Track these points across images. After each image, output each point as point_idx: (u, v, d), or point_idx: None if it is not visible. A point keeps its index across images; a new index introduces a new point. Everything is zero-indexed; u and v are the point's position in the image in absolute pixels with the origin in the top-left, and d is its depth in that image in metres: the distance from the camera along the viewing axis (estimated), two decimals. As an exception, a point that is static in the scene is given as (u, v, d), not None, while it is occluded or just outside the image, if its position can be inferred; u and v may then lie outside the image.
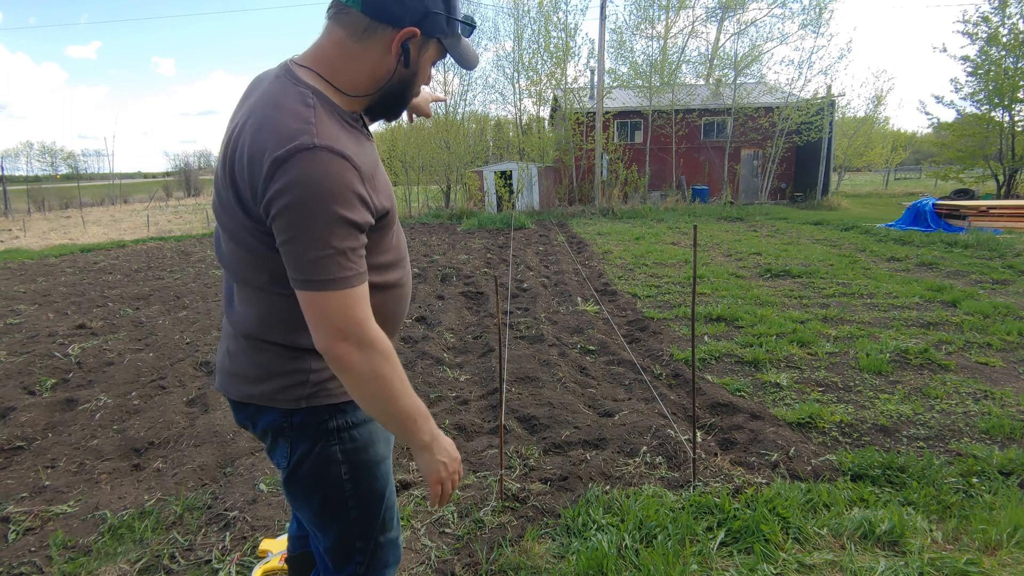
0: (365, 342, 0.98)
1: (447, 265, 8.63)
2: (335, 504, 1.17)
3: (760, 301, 5.77)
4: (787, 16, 24.57)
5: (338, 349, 0.97)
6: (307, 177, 0.92)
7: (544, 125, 21.94)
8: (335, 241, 0.94)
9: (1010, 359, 4.00)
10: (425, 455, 1.11)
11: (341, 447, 1.15)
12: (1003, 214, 10.98)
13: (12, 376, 4.08)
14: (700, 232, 12.02)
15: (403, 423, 1.05)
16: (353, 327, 0.97)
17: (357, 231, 0.98)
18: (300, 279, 0.96)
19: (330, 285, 0.95)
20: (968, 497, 2.33)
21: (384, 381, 1.00)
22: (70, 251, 12.52)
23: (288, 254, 0.96)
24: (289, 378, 1.10)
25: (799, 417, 3.11)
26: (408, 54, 1.05)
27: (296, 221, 0.93)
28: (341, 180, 0.94)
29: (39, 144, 75.38)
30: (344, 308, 0.96)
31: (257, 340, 1.12)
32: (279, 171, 0.92)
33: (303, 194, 0.92)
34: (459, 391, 3.72)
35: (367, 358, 0.98)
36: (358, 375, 0.98)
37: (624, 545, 2.05)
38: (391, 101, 1.13)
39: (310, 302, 0.97)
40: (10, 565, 2.07)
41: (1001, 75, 16.38)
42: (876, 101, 24.53)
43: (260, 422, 1.15)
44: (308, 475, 1.15)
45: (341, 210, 0.94)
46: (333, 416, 1.14)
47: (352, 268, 0.97)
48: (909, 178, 39.11)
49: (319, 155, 0.93)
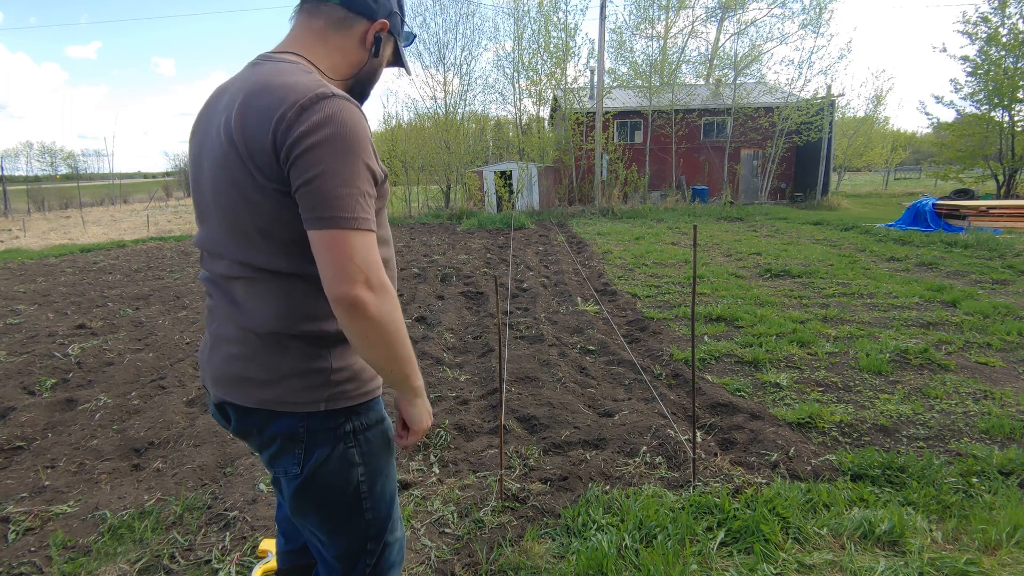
0: (383, 285, 0.99)
1: (447, 265, 8.63)
2: (351, 508, 1.16)
3: (760, 301, 5.77)
4: (787, 16, 24.58)
5: (360, 293, 0.95)
6: (336, 117, 0.95)
7: (544, 125, 21.94)
8: (360, 182, 0.96)
9: (1010, 359, 4.00)
10: (417, 402, 1.15)
11: (359, 449, 1.14)
12: (1003, 214, 10.98)
13: (12, 376, 4.08)
14: (700, 232, 12.02)
15: (406, 369, 1.08)
16: (373, 270, 0.97)
17: (375, 180, 1.02)
18: (324, 216, 0.94)
19: (356, 223, 0.96)
20: (968, 497, 2.33)
21: (397, 325, 1.02)
22: (70, 251, 12.52)
23: (313, 191, 0.94)
24: (309, 378, 1.08)
25: (799, 417, 3.11)
26: (379, 45, 1.17)
27: (325, 157, 0.94)
28: (362, 127, 0.99)
29: (39, 144, 75.48)
30: (366, 250, 0.97)
31: (279, 336, 1.07)
32: (304, 114, 0.94)
33: (332, 132, 0.94)
34: (459, 391, 3.72)
35: (384, 301, 0.99)
36: (375, 319, 0.98)
37: (624, 545, 2.05)
38: (359, 90, 1.21)
39: (332, 241, 0.95)
40: (10, 565, 2.07)
41: (1001, 75, 16.38)
42: (876, 101, 24.56)
43: (271, 428, 1.10)
44: (325, 480, 1.12)
45: (363, 154, 0.98)
46: (349, 419, 1.13)
47: (370, 214, 0.98)
48: (909, 178, 39.11)
49: (343, 103, 0.97)
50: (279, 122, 0.95)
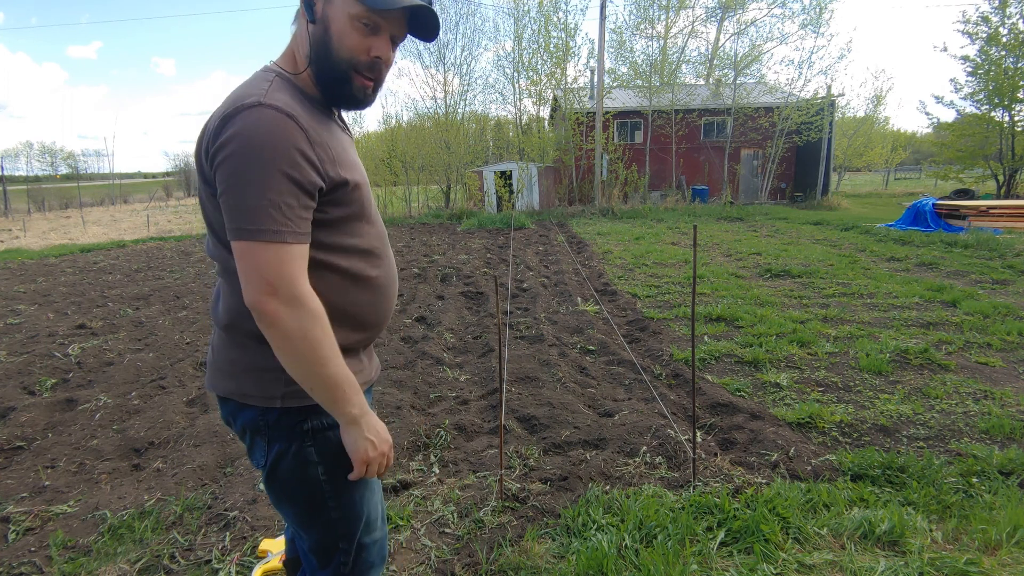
0: (295, 299, 0.97)
1: (447, 265, 8.63)
2: (315, 505, 1.17)
3: (760, 301, 5.77)
4: (787, 16, 24.51)
5: (266, 304, 0.96)
6: (247, 129, 0.95)
7: (544, 125, 21.93)
8: (271, 193, 0.95)
9: (1010, 359, 4.00)
10: (352, 430, 1.08)
11: (317, 448, 1.14)
12: (1003, 214, 10.98)
13: (12, 376, 4.08)
14: (700, 232, 12.02)
15: (330, 391, 1.03)
16: (283, 282, 0.96)
17: (298, 189, 0.98)
18: (233, 228, 0.96)
19: (262, 236, 0.95)
20: (968, 497, 2.33)
21: (311, 343, 0.99)
22: (70, 251, 12.52)
23: (225, 204, 0.97)
24: (264, 375, 1.10)
25: (799, 417, 3.11)
26: (311, 8, 1.06)
27: (234, 170, 0.95)
28: (283, 135, 0.96)
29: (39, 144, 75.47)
30: (275, 262, 0.96)
31: (233, 330, 1.11)
32: (225, 127, 0.96)
33: (242, 143, 0.95)
34: (459, 391, 3.72)
35: (295, 316, 0.97)
36: (284, 333, 0.97)
37: (624, 545, 2.05)
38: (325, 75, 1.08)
39: (242, 252, 0.97)
40: (10, 565, 2.07)
41: (1001, 75, 16.38)
42: (876, 101, 24.55)
43: (239, 419, 1.15)
44: (286, 475, 1.14)
45: (280, 163, 0.96)
46: (308, 418, 1.12)
47: (288, 224, 0.97)
48: (909, 178, 39.10)
49: (262, 111, 0.97)
50: (209, 133, 0.99)
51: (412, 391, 3.66)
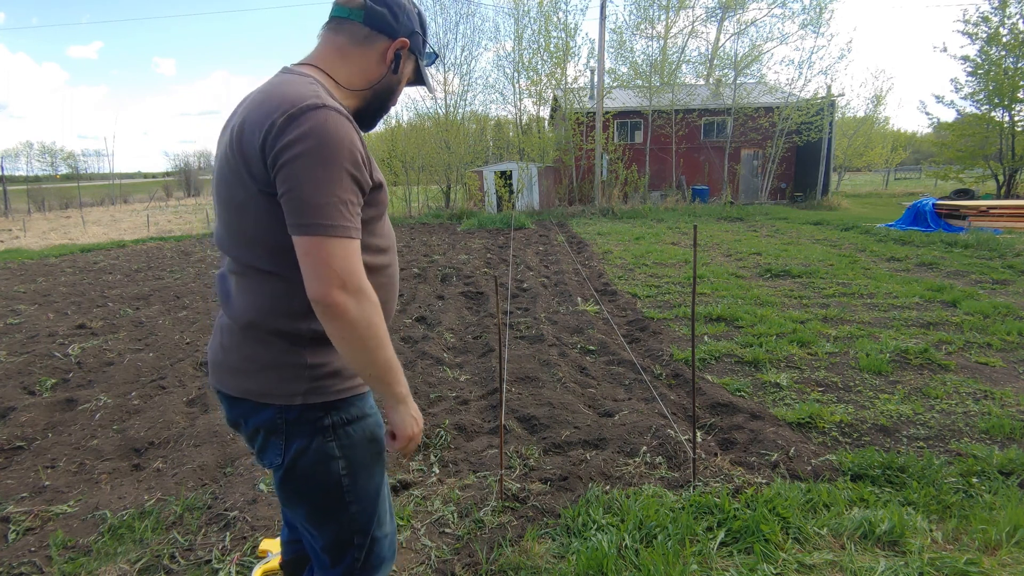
0: (361, 290, 1.03)
1: (447, 265, 8.63)
2: (333, 500, 1.19)
3: (760, 301, 5.77)
4: (787, 16, 24.50)
5: (336, 296, 1.00)
6: (320, 128, 1.00)
7: (544, 125, 21.93)
8: (340, 191, 1.01)
9: (1010, 359, 4.00)
10: (401, 408, 1.15)
11: (338, 443, 1.17)
12: (1003, 214, 10.98)
13: (12, 376, 4.08)
14: (700, 232, 12.02)
15: (386, 374, 1.09)
16: (352, 276, 1.01)
17: (357, 187, 1.05)
18: (304, 223, 1.00)
19: (335, 231, 1.00)
20: (968, 497, 2.33)
21: (374, 329, 1.04)
22: (70, 251, 12.52)
23: (294, 200, 1.00)
24: (286, 371, 1.12)
25: (799, 417, 3.11)
26: (399, 62, 1.22)
27: (306, 167, 0.99)
28: (349, 137, 1.03)
29: (39, 144, 75.46)
30: (345, 256, 1.01)
31: (257, 329, 1.13)
32: (291, 125, 1.00)
33: (315, 143, 0.99)
34: (459, 391, 3.72)
35: (361, 306, 1.02)
36: (351, 322, 1.02)
37: (624, 545, 2.05)
38: (377, 104, 1.26)
39: (312, 247, 1.00)
40: (10, 565, 2.07)
41: (1001, 75, 16.38)
42: (876, 101, 24.56)
43: (253, 419, 1.16)
44: (306, 471, 1.16)
45: (347, 164, 1.01)
46: (328, 413, 1.15)
47: (351, 220, 1.03)
48: (909, 178, 39.09)
49: (330, 113, 1.02)
50: (269, 130, 1.01)
51: (412, 391, 3.66)
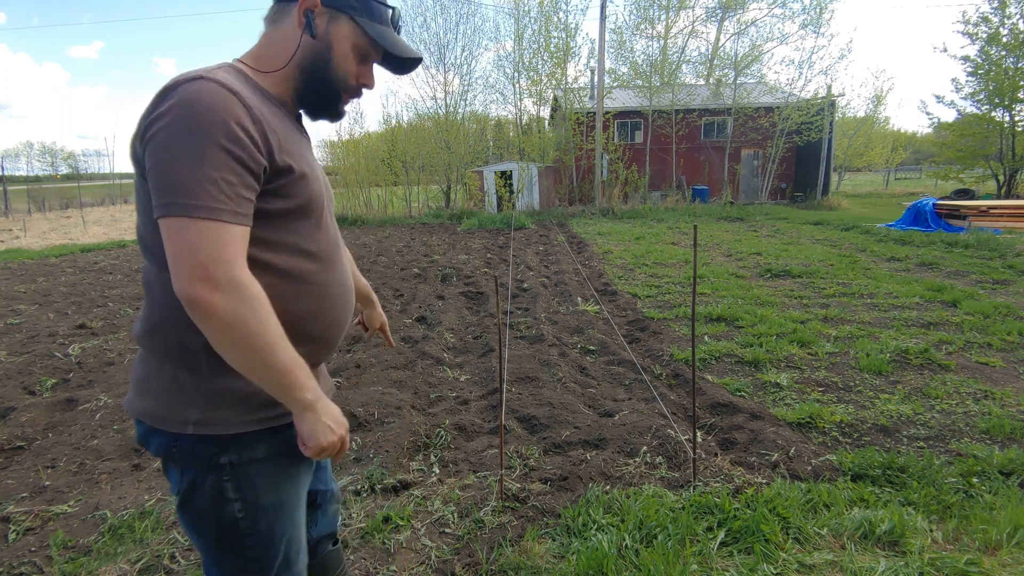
0: (233, 282, 0.88)
1: (447, 265, 8.63)
2: (229, 542, 1.06)
3: (760, 301, 5.77)
4: (787, 16, 24.48)
5: (200, 291, 0.86)
6: (189, 98, 0.89)
7: (544, 125, 21.93)
8: (208, 167, 0.87)
9: (1010, 359, 4.00)
10: (308, 416, 0.99)
11: (234, 484, 1.02)
12: (1003, 214, 10.98)
13: (12, 376, 4.08)
14: (700, 232, 12.02)
15: (281, 379, 0.94)
16: (220, 265, 0.87)
17: (239, 165, 0.91)
18: (163, 203, 0.87)
19: (196, 211, 0.86)
20: (968, 497, 2.33)
21: (253, 328, 0.89)
22: (70, 251, 12.52)
23: (154, 180, 0.88)
24: (175, 395, 1.00)
25: (799, 417, 3.11)
26: (311, 22, 1.05)
27: (169, 141, 0.87)
28: (224, 107, 0.90)
29: (39, 144, 75.61)
30: (211, 242, 0.87)
31: (146, 343, 1.03)
32: (161, 100, 0.90)
33: (180, 113, 0.88)
34: (459, 391, 3.72)
35: (234, 302, 0.88)
36: (222, 321, 0.87)
37: (624, 545, 2.05)
38: (314, 84, 1.10)
39: (173, 231, 0.87)
40: (10, 565, 2.07)
41: (1001, 75, 16.38)
42: (876, 101, 24.52)
43: (151, 442, 1.04)
44: (199, 509, 1.03)
45: (221, 137, 0.89)
46: (226, 450, 1.01)
47: (226, 202, 0.89)
48: (909, 178, 39.09)
49: (204, 84, 0.90)
50: (145, 114, 0.92)
51: (412, 391, 3.66)
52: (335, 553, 1.47)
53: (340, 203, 19.46)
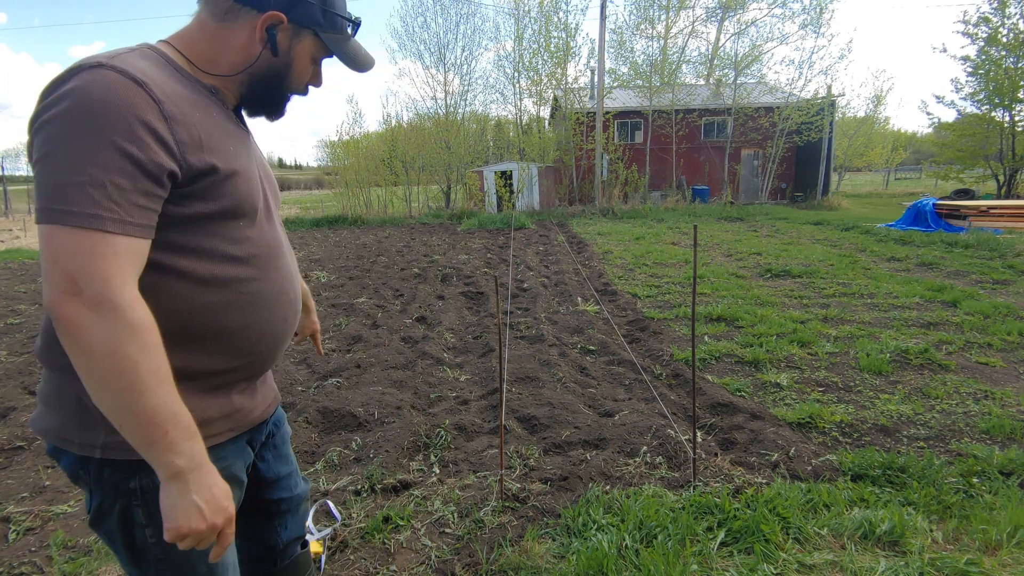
0: (107, 303, 0.76)
1: (447, 265, 8.63)
2: (141, 564, 0.98)
3: (760, 301, 5.77)
4: (787, 16, 24.46)
5: (64, 305, 0.75)
6: (81, 90, 0.78)
7: (544, 125, 21.95)
8: (96, 170, 0.77)
9: (1010, 359, 4.00)
10: (173, 487, 0.81)
11: (145, 510, 0.92)
12: (1003, 214, 10.98)
13: (12, 376, 4.08)
14: (700, 232, 12.02)
15: (146, 431, 0.78)
16: (93, 281, 0.75)
17: (136, 168, 0.80)
18: (39, 207, 0.78)
19: (72, 218, 0.75)
20: (968, 497, 2.33)
21: (123, 361, 0.76)
22: (70, 251, 12.51)
23: (36, 178, 0.79)
24: (79, 416, 0.90)
25: (799, 417, 3.11)
26: (274, 41, 0.98)
27: (49, 137, 0.78)
28: (123, 101, 0.79)
29: (39, 144, 75.39)
30: (84, 253, 0.75)
31: (45, 358, 0.93)
32: (50, 91, 0.80)
33: (68, 106, 0.78)
34: (459, 391, 3.72)
35: (102, 326, 0.75)
36: (86, 347, 0.76)
37: (624, 545, 2.05)
38: (262, 91, 1.04)
39: (44, 239, 0.77)
40: (10, 565, 2.07)
41: (1001, 75, 16.38)
42: (876, 101, 24.56)
43: (60, 460, 0.96)
44: (109, 530, 0.96)
45: (116, 135, 0.78)
46: (136, 475, 0.91)
47: (113, 209, 0.78)
48: (909, 178, 39.09)
49: (101, 72, 0.80)
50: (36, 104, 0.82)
51: (412, 391, 3.66)
52: (304, 556, 1.41)
53: (340, 203, 19.48)
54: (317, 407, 3.31)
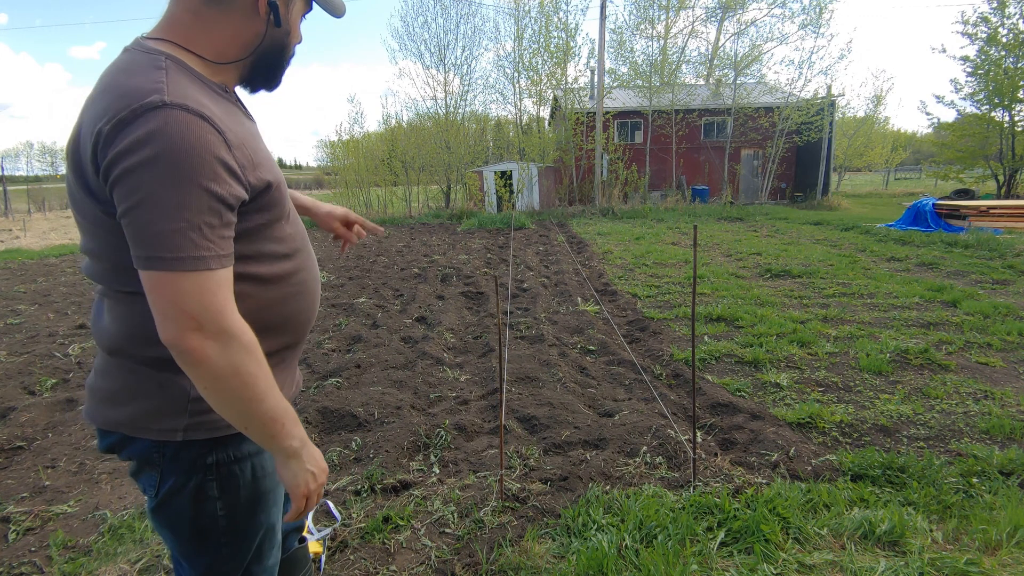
0: (224, 333, 0.85)
1: (447, 265, 8.63)
2: (206, 539, 1.05)
3: (760, 301, 5.77)
4: (787, 16, 24.46)
5: (189, 341, 0.83)
6: (160, 135, 0.80)
7: (544, 125, 21.95)
8: (188, 213, 0.81)
9: (1010, 359, 4.00)
10: (293, 464, 0.97)
11: (219, 483, 1.02)
12: (1003, 214, 10.98)
13: (12, 376, 4.08)
14: (700, 232, 12.02)
15: (268, 428, 0.92)
16: (210, 315, 0.84)
17: (220, 205, 0.85)
18: (143, 256, 0.82)
19: (181, 264, 0.82)
20: (968, 497, 2.33)
21: (245, 378, 0.87)
22: (70, 251, 12.52)
23: (131, 226, 0.82)
24: (163, 405, 0.97)
25: (799, 417, 3.11)
26: (277, 11, 0.98)
27: (141, 185, 0.80)
28: (200, 142, 0.83)
29: (39, 144, 75.58)
30: (199, 293, 0.83)
31: (127, 356, 0.98)
32: (121, 132, 0.81)
33: (153, 154, 0.80)
34: (459, 391, 3.72)
35: (225, 353, 0.85)
36: (214, 372, 0.85)
37: (624, 545, 2.05)
38: (266, 67, 1.05)
39: (156, 284, 0.83)
40: (10, 565, 2.07)
41: (1001, 75, 16.38)
42: (876, 101, 24.57)
43: (127, 450, 1.01)
44: (179, 510, 1.02)
45: (199, 177, 0.82)
46: (213, 451, 1.00)
47: (210, 248, 0.84)
48: (909, 178, 39.10)
49: (172, 113, 0.82)
50: (98, 137, 0.82)
51: (412, 391, 3.66)
52: (302, 551, 1.45)
53: (340, 203, 19.44)
54: (317, 407, 3.31)
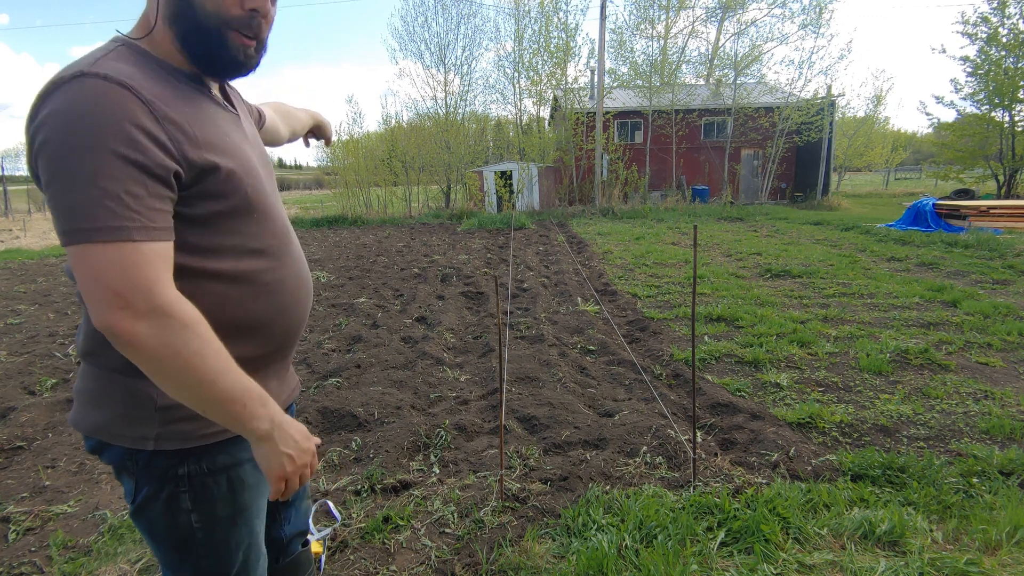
0: (157, 310, 0.78)
1: (447, 265, 8.63)
2: (185, 550, 1.02)
3: (760, 301, 5.77)
4: (787, 16, 24.50)
5: (117, 321, 0.76)
6: (69, 105, 0.77)
7: (544, 125, 21.96)
8: (104, 181, 0.76)
9: (1010, 359, 4.00)
10: (264, 447, 0.91)
11: (191, 495, 0.98)
12: (1003, 214, 10.98)
13: (12, 376, 4.08)
14: (700, 232, 12.02)
15: (228, 410, 0.85)
16: (138, 292, 0.77)
17: (142, 174, 0.79)
18: (62, 231, 0.78)
19: (98, 235, 0.76)
20: (968, 497, 2.33)
21: (189, 359, 0.80)
22: (70, 251, 12.52)
23: (50, 201, 0.78)
24: (133, 411, 0.94)
25: (799, 417, 3.11)
26: None
27: (54, 157, 0.76)
28: (116, 108, 0.78)
29: (39, 144, 75.46)
30: (122, 267, 0.76)
31: (91, 360, 0.96)
32: (40, 106, 0.79)
33: (62, 123, 0.77)
34: (459, 391, 3.72)
35: (162, 331, 0.78)
36: (150, 354, 0.78)
37: (624, 545, 2.05)
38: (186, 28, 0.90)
39: (76, 259, 0.77)
40: (10, 565, 2.07)
41: (1001, 75, 16.38)
42: (876, 101, 24.59)
43: (105, 455, 0.99)
44: (153, 519, 0.99)
45: (112, 142, 0.77)
46: (184, 462, 0.96)
47: (134, 218, 0.78)
48: (909, 178, 39.10)
49: (88, 82, 0.78)
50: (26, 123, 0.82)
51: (412, 391, 3.66)
52: (305, 554, 1.44)
53: (340, 203, 19.49)
54: (317, 407, 3.31)
